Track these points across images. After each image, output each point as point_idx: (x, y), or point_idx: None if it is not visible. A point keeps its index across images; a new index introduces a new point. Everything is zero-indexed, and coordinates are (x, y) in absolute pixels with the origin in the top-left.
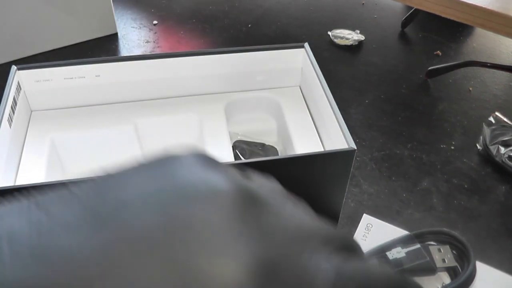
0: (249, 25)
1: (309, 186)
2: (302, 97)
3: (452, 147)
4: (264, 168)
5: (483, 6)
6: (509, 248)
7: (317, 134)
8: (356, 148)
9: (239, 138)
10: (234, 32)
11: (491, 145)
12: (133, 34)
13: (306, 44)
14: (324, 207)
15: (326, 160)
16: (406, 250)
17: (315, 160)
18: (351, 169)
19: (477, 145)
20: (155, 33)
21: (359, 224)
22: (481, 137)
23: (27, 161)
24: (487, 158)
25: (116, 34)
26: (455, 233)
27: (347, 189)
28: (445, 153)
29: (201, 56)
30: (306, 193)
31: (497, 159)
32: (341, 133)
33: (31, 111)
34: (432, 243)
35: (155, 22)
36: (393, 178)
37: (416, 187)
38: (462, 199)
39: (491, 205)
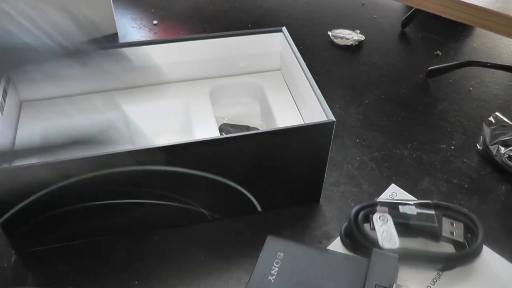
0: (249, 25)
1: (293, 158)
2: (283, 79)
3: (452, 147)
4: (248, 142)
5: (483, 6)
6: (509, 248)
7: (298, 112)
8: (335, 119)
9: (225, 121)
10: None
11: (491, 145)
12: (133, 34)
13: (284, 28)
14: (308, 176)
15: (307, 133)
16: (419, 210)
17: (297, 133)
18: (331, 140)
19: (477, 145)
20: (155, 33)
21: (385, 191)
22: (481, 137)
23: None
24: (487, 158)
25: (116, 34)
26: (474, 216)
27: (328, 159)
28: (445, 153)
29: (185, 42)
30: (290, 164)
31: (497, 159)
32: (321, 108)
33: (21, 102)
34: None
35: (155, 22)
36: (393, 178)
37: (416, 187)
38: (462, 199)
39: (491, 205)
